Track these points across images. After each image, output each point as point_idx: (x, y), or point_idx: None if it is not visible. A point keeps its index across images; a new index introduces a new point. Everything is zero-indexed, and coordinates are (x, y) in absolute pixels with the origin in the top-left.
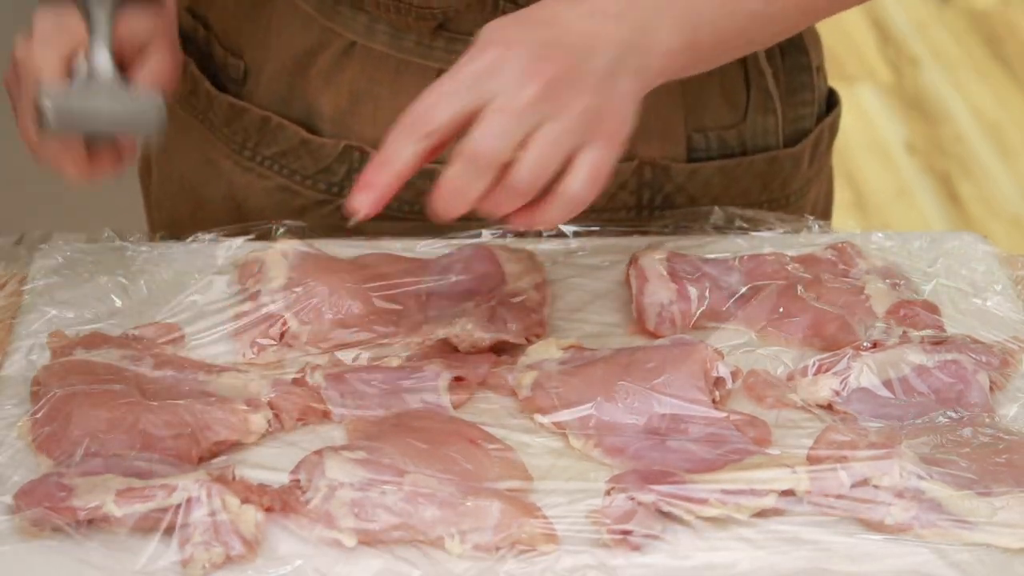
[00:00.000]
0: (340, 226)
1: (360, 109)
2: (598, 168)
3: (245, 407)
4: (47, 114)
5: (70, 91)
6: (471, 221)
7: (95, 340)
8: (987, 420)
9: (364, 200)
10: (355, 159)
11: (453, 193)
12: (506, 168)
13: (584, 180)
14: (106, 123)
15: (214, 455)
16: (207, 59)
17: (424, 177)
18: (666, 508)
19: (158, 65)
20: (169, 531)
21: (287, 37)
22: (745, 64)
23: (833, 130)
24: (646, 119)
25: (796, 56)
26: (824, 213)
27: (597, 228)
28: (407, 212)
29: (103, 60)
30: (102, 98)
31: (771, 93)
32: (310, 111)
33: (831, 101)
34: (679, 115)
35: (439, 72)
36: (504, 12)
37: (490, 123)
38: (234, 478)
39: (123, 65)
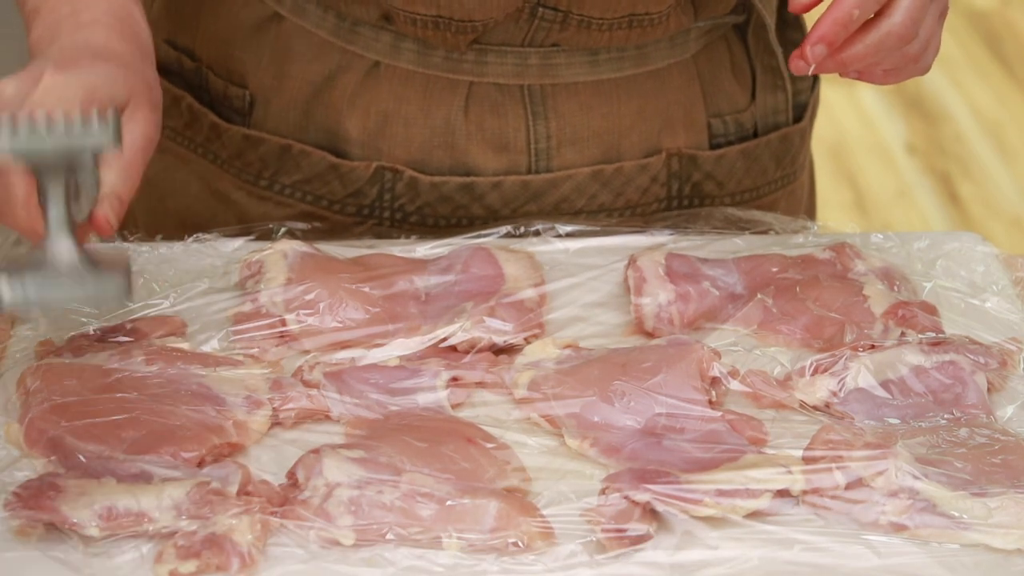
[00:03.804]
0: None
1: (390, 129)
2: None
3: (246, 409)
4: (2, 296)
5: (28, 278)
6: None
7: (80, 345)
8: (984, 421)
9: (821, 50)
10: (387, 179)
11: (860, 57)
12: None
13: (934, 56)
14: (65, 304)
15: (216, 458)
16: (201, 91)
17: (463, 191)
18: (661, 508)
19: (141, 128)
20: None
21: (301, 63)
22: (747, 45)
23: (818, 102)
24: (669, 110)
25: (792, 33)
26: (811, 186)
27: (596, 229)
28: (444, 226)
29: (64, 248)
30: (63, 286)
31: (781, 72)
32: (333, 135)
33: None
34: (699, 103)
35: (470, 85)
36: (543, 19)
37: (907, 9)
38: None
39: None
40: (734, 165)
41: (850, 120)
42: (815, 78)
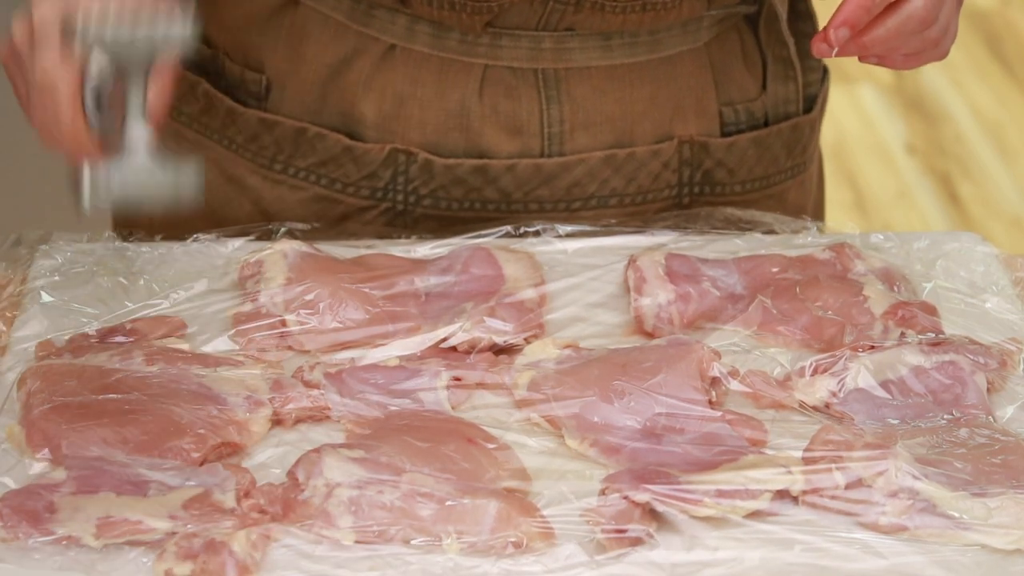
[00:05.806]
0: (384, 231)
1: (405, 112)
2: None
3: (246, 409)
4: (83, 194)
5: (108, 172)
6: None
7: (80, 345)
8: (984, 421)
9: (845, 33)
10: (401, 162)
11: (882, 40)
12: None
13: (952, 42)
14: (143, 198)
15: (217, 457)
16: (217, 77)
17: (476, 174)
18: (661, 508)
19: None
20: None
21: (317, 47)
22: (758, 36)
23: (827, 94)
24: (681, 98)
25: (803, 24)
26: (820, 178)
27: (596, 229)
28: (456, 209)
29: (140, 135)
30: (140, 175)
31: (792, 62)
32: (348, 118)
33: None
34: (711, 91)
35: (484, 68)
36: (557, 2)
37: None
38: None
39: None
40: (745, 153)
41: (850, 120)
42: (824, 71)
